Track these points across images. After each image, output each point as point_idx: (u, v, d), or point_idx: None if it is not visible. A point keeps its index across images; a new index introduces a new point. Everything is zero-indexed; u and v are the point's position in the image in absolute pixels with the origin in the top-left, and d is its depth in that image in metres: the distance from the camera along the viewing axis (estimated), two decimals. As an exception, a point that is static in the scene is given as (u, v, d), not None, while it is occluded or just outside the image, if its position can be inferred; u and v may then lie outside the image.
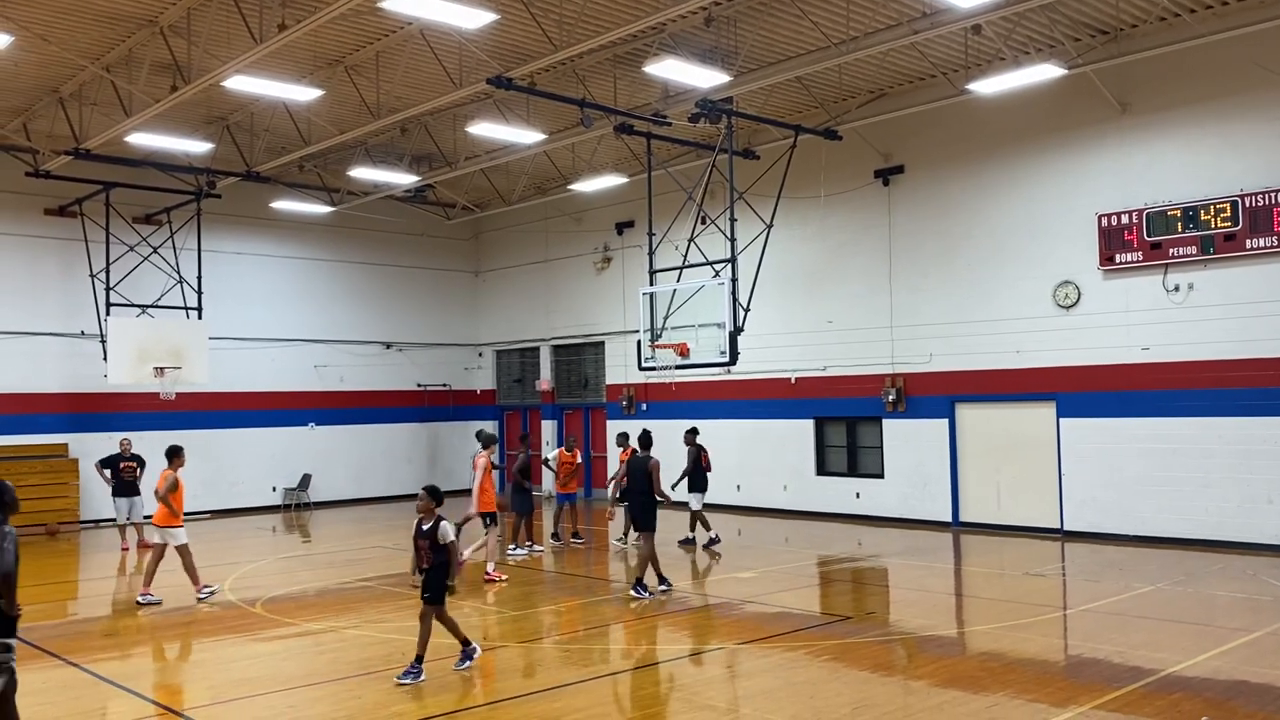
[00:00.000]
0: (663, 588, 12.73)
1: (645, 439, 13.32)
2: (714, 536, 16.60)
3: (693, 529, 16.84)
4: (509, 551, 16.10)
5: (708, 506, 17.29)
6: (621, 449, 16.87)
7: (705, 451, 17.06)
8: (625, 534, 16.93)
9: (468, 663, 9.07)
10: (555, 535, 17.80)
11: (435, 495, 9.03)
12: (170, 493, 12.71)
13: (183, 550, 12.85)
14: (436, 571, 8.88)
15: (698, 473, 16.81)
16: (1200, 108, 15.69)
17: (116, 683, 8.92)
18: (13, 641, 6.03)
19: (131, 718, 8.01)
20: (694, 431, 17.18)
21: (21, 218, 21.26)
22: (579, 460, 17.73)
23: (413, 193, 24.37)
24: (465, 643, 9.14)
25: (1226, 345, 15.32)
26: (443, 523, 8.90)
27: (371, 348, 26.52)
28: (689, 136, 19.34)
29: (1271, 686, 8.15)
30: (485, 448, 14.55)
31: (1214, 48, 15.10)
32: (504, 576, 14.01)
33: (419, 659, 8.74)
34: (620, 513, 16.13)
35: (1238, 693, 8.00)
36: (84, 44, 15.48)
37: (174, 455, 13.02)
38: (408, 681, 8.58)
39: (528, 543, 16.35)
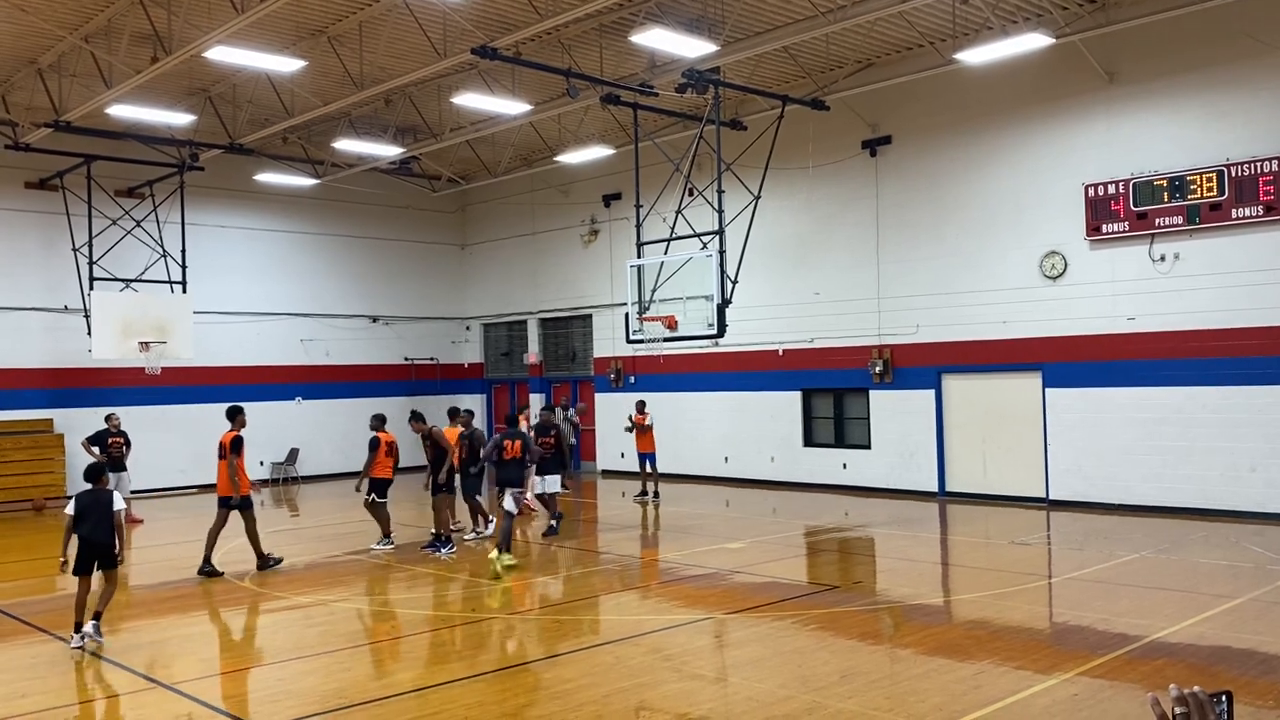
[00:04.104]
0: (446, 550, 13.79)
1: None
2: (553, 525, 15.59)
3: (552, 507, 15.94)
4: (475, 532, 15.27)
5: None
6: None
7: (560, 431, 16.30)
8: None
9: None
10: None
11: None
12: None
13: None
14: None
15: (558, 453, 15.86)
16: (1187, 77, 15.67)
17: (106, 657, 8.90)
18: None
19: (121, 692, 8.01)
20: (551, 410, 16.61)
21: (1, 191, 21.02)
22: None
23: (397, 165, 24.20)
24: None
25: (1212, 315, 15.38)
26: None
27: (358, 321, 26.42)
28: (676, 107, 19.22)
29: (1254, 651, 8.24)
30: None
31: (1201, 17, 15.05)
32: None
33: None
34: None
35: (1220, 658, 8.09)
36: (62, 14, 15.25)
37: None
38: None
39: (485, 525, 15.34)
